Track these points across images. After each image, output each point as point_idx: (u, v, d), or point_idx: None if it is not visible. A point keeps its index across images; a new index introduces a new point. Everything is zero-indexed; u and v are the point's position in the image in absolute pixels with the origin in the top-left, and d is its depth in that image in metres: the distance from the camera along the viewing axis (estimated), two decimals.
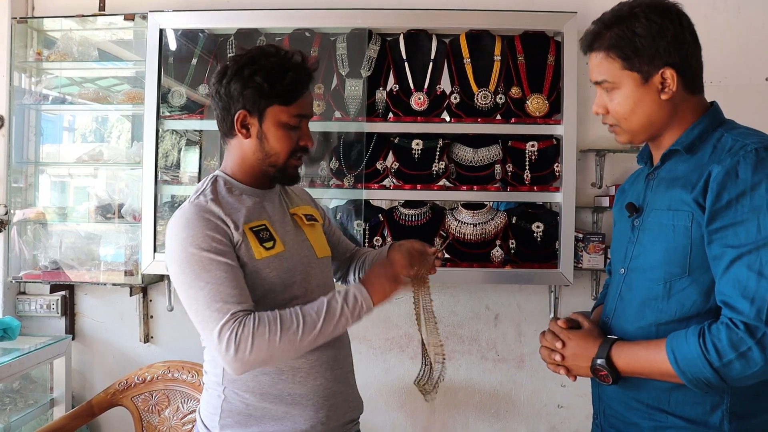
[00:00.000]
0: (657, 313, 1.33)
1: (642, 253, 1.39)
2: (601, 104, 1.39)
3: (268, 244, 1.49)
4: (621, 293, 1.44)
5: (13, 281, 2.86)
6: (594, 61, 1.37)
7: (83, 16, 2.86)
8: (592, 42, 1.37)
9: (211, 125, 2.71)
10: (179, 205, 2.76)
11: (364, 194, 2.58)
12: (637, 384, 1.35)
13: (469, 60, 2.60)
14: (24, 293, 2.96)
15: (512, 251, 2.58)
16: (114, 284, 2.79)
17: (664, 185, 1.37)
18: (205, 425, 1.54)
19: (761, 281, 1.16)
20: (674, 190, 1.32)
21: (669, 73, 1.30)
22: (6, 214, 2.83)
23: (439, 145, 2.59)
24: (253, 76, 1.45)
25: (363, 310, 1.43)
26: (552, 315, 2.72)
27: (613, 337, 1.37)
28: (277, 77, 1.45)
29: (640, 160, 1.53)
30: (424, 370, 1.62)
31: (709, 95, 1.39)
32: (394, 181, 2.60)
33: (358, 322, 1.45)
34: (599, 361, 1.33)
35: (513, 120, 2.56)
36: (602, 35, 1.34)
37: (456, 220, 2.59)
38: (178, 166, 2.81)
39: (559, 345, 1.41)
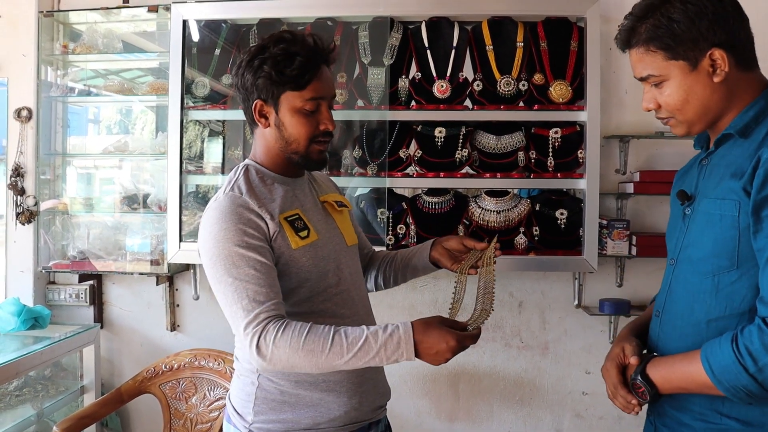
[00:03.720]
0: (706, 308, 1.26)
1: (691, 243, 1.32)
2: (651, 99, 1.32)
3: (303, 233, 1.50)
4: (671, 286, 1.38)
5: (43, 271, 2.91)
6: (635, 57, 1.30)
7: (108, 8, 2.89)
8: (628, 38, 1.30)
9: (234, 115, 2.73)
10: (204, 194, 2.82)
11: (387, 182, 2.59)
12: None
13: (491, 47, 2.59)
14: (54, 283, 3.02)
15: (536, 238, 2.57)
16: (140, 273, 2.83)
17: (717, 172, 1.29)
18: (237, 412, 1.54)
19: None
20: (725, 177, 1.24)
21: (718, 54, 1.22)
22: (35, 205, 2.88)
23: (461, 133, 2.59)
24: (262, 65, 1.45)
25: (401, 359, 1.34)
26: (576, 302, 2.71)
27: (650, 354, 1.32)
28: (285, 63, 1.44)
29: (696, 145, 1.45)
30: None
31: None
32: (417, 169, 2.60)
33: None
34: (635, 377, 1.28)
35: (536, 107, 2.54)
36: (637, 29, 1.27)
37: (479, 207, 2.59)
38: (201, 156, 2.83)
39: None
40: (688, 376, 1.21)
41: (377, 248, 2.48)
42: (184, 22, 2.68)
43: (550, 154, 2.56)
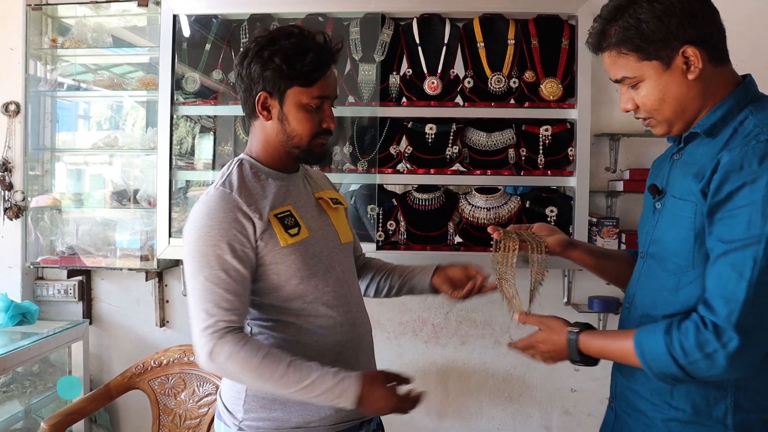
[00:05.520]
0: (666, 305, 1.30)
1: (659, 239, 1.34)
2: (629, 100, 1.32)
3: (293, 231, 1.49)
4: (639, 279, 1.41)
5: (31, 266, 2.89)
6: (607, 60, 1.30)
7: (97, 2, 2.87)
8: (598, 42, 1.29)
9: (224, 111, 2.73)
10: (193, 190, 2.80)
11: (377, 179, 2.59)
12: (642, 376, 1.31)
13: (482, 44, 2.59)
14: (42, 278, 3.00)
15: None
16: (130, 269, 2.82)
17: (683, 170, 1.31)
18: (227, 409, 1.54)
19: (740, 282, 1.12)
20: (687, 177, 1.26)
21: (691, 51, 1.21)
22: (23, 200, 2.86)
23: (452, 130, 2.59)
24: (273, 57, 1.44)
25: (341, 404, 1.38)
26: (565, 299, 2.72)
27: (574, 329, 1.33)
28: (297, 58, 1.43)
29: (670, 137, 1.44)
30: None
31: None
32: (408, 165, 2.60)
33: None
34: (572, 356, 1.33)
35: (527, 104, 2.55)
36: (607, 32, 1.27)
37: (469, 204, 2.59)
38: (192, 152, 2.82)
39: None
40: (622, 356, 1.27)
41: (367, 245, 2.50)
42: (175, 16, 2.67)
43: (541, 151, 2.57)
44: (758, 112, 1.22)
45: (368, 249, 2.53)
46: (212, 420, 2.17)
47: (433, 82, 2.56)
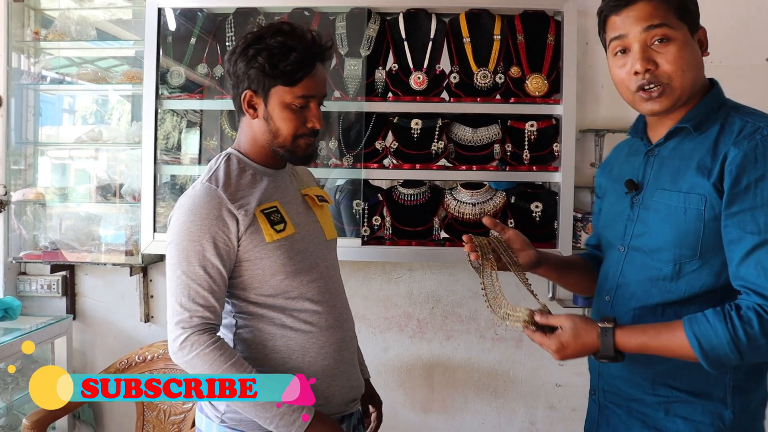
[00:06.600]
0: (665, 293, 1.33)
1: (646, 232, 1.36)
2: (649, 58, 1.28)
3: (279, 227, 1.49)
4: (623, 271, 1.42)
5: (14, 261, 2.87)
6: (643, 9, 1.27)
7: None
8: None
9: (210, 105, 2.71)
10: (182, 186, 2.79)
11: (363, 174, 2.58)
12: (643, 362, 1.33)
13: (468, 39, 2.59)
14: (25, 273, 2.97)
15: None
16: (114, 264, 2.80)
17: (671, 164, 1.34)
18: (209, 402, 1.55)
19: None
20: (686, 172, 1.29)
21: (703, 32, 1.28)
22: (6, 194, 2.83)
23: (438, 125, 2.59)
24: (257, 56, 1.44)
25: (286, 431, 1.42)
26: (550, 294, 2.73)
27: (607, 325, 1.27)
28: (280, 58, 1.43)
29: (633, 134, 1.48)
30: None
31: (708, 75, 1.36)
32: (394, 160, 2.60)
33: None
34: (607, 353, 1.27)
35: (512, 100, 2.55)
36: None
37: (455, 199, 2.59)
38: (179, 148, 2.81)
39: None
40: (667, 348, 1.24)
41: (352, 240, 2.51)
42: (160, 9, 2.65)
43: (526, 147, 2.57)
44: (736, 111, 1.29)
45: (353, 244, 2.53)
46: None
47: (419, 78, 2.56)
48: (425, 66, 2.58)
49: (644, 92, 1.30)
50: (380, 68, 2.61)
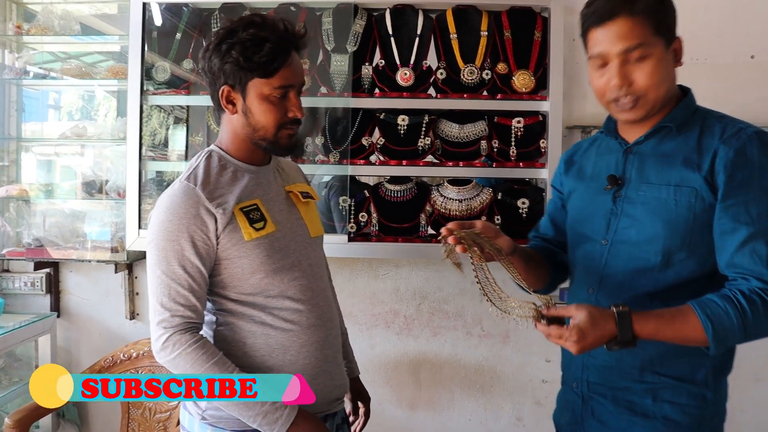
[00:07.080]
0: (654, 282, 1.38)
1: (632, 225, 1.40)
2: (626, 75, 1.32)
3: (258, 225, 1.48)
4: (607, 263, 1.45)
5: None
6: (624, 26, 1.30)
7: None
8: (621, 5, 1.30)
9: (195, 101, 2.70)
10: (167, 181, 2.77)
11: (349, 170, 2.57)
12: (631, 350, 1.32)
13: (455, 35, 2.58)
14: (8, 271, 2.94)
15: (498, 227, 2.58)
16: (99, 261, 2.77)
17: (654, 161, 1.40)
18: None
19: None
20: (673, 167, 1.36)
21: (678, 43, 1.34)
22: None
23: (424, 121, 2.58)
24: (230, 51, 1.43)
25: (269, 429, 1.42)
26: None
27: (624, 310, 1.26)
28: (253, 50, 1.42)
29: (606, 132, 1.52)
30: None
31: (693, 73, 1.41)
32: (380, 156, 2.59)
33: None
34: (625, 337, 1.25)
35: (499, 96, 2.55)
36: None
37: (442, 196, 2.59)
38: (166, 144, 2.79)
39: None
40: (679, 331, 1.27)
41: (338, 237, 2.50)
42: (145, 4, 2.62)
43: (513, 143, 2.57)
44: (710, 115, 1.39)
45: (340, 241, 2.53)
46: None
47: (405, 74, 2.55)
48: (412, 62, 2.57)
49: (618, 104, 1.36)
50: (367, 64, 2.60)
